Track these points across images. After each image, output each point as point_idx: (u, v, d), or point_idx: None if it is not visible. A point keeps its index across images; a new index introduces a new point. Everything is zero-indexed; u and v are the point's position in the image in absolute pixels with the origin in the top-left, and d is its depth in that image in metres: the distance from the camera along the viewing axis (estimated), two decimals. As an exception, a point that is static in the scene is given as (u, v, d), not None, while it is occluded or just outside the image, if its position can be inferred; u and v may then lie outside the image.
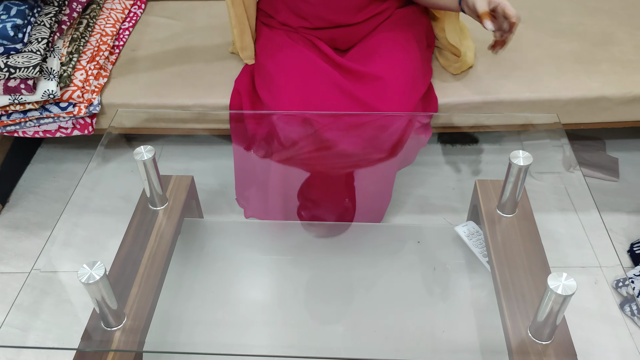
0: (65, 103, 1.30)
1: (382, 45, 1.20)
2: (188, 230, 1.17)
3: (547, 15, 1.55)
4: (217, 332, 0.93)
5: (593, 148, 1.60)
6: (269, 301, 0.93)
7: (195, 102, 1.35)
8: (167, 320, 0.95)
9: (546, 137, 1.17)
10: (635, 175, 1.52)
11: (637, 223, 1.40)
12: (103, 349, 0.85)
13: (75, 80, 1.30)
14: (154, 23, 1.60)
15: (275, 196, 1.18)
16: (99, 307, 0.83)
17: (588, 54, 1.41)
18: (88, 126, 1.35)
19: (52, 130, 1.35)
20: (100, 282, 0.78)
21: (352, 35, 1.24)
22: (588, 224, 0.94)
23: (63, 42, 1.33)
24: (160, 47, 1.50)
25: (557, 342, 0.82)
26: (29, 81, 1.21)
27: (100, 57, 1.39)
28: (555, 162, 1.13)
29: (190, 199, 1.17)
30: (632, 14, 1.53)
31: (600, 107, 1.33)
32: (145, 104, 1.35)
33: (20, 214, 1.49)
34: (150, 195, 1.07)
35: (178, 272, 1.05)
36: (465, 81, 1.34)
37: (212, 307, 0.99)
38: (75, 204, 1.06)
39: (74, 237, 1.09)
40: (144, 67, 1.43)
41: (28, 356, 1.19)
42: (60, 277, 1.06)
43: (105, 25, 1.47)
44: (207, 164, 1.58)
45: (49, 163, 1.64)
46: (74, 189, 1.06)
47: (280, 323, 0.95)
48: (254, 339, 0.91)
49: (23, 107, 1.27)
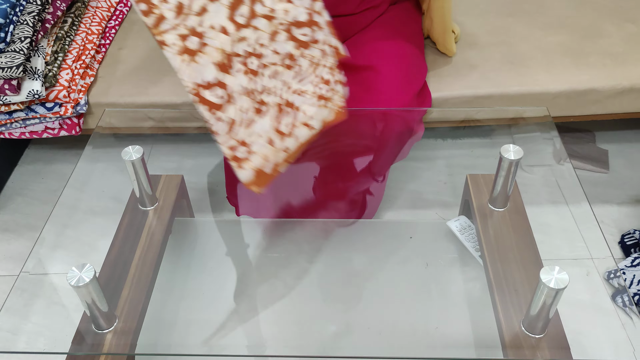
0: (52, 103, 1.28)
1: (377, 39, 1.20)
2: (179, 230, 1.16)
3: (536, 8, 1.55)
4: (210, 333, 0.92)
5: (583, 140, 1.61)
6: (262, 300, 0.93)
7: (184, 100, 1.34)
8: (159, 321, 0.95)
9: (536, 130, 1.18)
10: (625, 167, 1.53)
11: (627, 214, 1.40)
12: (94, 353, 0.84)
13: (61, 80, 1.29)
14: (140, 21, 1.58)
15: (265, 194, 1.17)
16: (90, 310, 0.82)
17: (577, 47, 1.41)
18: (75, 126, 1.33)
19: (38, 131, 1.33)
20: (90, 285, 0.77)
21: (346, 28, 1.23)
22: (579, 216, 0.94)
23: (47, 41, 1.31)
24: (148, 45, 1.49)
25: (550, 335, 0.82)
26: (12, 81, 1.20)
27: (86, 56, 1.37)
28: (546, 155, 1.13)
29: (181, 198, 1.16)
30: (620, 6, 1.54)
31: (590, 99, 1.33)
32: (133, 103, 1.34)
33: (8, 216, 1.48)
34: (139, 196, 1.06)
35: (169, 272, 1.04)
36: (455, 76, 1.34)
37: (205, 308, 0.98)
38: (64, 205, 1.05)
39: (63, 238, 1.08)
40: (131, 66, 1.42)
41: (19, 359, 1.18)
42: (50, 279, 1.05)
43: (90, 24, 1.45)
44: (197, 163, 1.57)
45: (37, 164, 1.62)
46: (62, 190, 1.04)
47: (274, 322, 0.94)
48: (247, 338, 0.90)
49: (8, 107, 1.25)
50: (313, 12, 0.87)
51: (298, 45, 0.86)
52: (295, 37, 0.86)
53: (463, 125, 1.56)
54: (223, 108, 0.81)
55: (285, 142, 0.80)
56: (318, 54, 0.86)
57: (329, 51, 0.86)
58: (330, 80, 0.85)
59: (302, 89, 0.84)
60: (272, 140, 0.81)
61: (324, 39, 0.86)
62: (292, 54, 0.85)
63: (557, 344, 0.81)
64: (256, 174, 0.81)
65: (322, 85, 0.84)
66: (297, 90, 0.83)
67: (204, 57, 0.81)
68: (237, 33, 0.83)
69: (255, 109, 0.82)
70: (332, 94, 0.84)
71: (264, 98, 0.83)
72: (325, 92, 0.84)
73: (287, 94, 0.83)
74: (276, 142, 0.80)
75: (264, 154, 0.79)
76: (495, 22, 1.51)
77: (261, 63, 0.84)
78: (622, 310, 1.17)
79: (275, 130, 0.81)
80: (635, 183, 1.49)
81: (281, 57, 0.85)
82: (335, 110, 0.82)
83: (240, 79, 0.83)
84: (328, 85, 0.84)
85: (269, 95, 0.83)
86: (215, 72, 0.81)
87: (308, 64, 0.85)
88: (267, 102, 0.83)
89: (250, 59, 0.84)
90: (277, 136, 0.81)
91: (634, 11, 1.52)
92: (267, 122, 0.81)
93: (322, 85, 0.84)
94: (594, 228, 0.92)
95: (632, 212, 1.41)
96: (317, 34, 0.86)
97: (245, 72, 0.83)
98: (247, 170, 0.82)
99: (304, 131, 0.80)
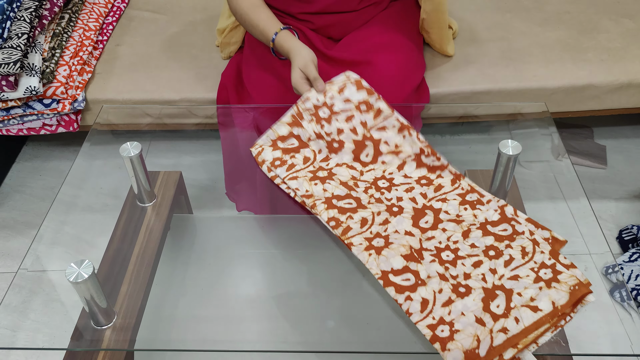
0: (49, 100, 1.28)
1: (376, 34, 1.19)
2: (177, 226, 1.16)
3: (534, 4, 1.55)
4: (208, 329, 0.92)
5: (581, 136, 1.61)
6: (261, 296, 0.93)
7: (181, 96, 1.33)
8: (158, 317, 0.94)
9: (535, 126, 1.18)
10: (623, 163, 1.54)
11: (625, 210, 1.41)
12: (93, 349, 0.84)
13: (58, 76, 1.28)
14: (138, 17, 1.58)
15: (262, 189, 1.17)
16: (89, 306, 0.82)
17: (575, 42, 1.41)
18: (73, 123, 1.33)
19: (36, 127, 1.33)
20: (88, 281, 0.77)
21: (347, 24, 1.23)
22: (577, 212, 0.94)
23: (45, 37, 1.31)
24: (145, 41, 1.48)
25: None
26: (10, 77, 1.19)
27: (83, 52, 1.37)
28: (544, 150, 1.13)
29: (179, 194, 1.16)
30: (618, 2, 1.54)
31: (588, 95, 1.34)
32: (131, 99, 1.34)
33: (6, 213, 1.47)
34: (138, 192, 1.06)
35: (168, 268, 1.04)
36: (453, 72, 1.34)
37: (204, 304, 0.98)
38: (62, 202, 1.05)
39: (61, 235, 1.08)
40: (129, 62, 1.42)
41: (18, 356, 1.18)
42: (49, 276, 1.05)
43: (88, 20, 1.44)
44: (195, 159, 1.57)
45: (35, 161, 1.62)
46: (60, 186, 1.04)
47: (272, 318, 0.94)
48: (246, 334, 0.90)
49: (5, 104, 1.25)
50: (504, 213, 0.86)
51: (500, 238, 0.83)
52: (492, 233, 0.84)
53: (461, 120, 1.56)
54: (413, 289, 0.78)
55: (502, 323, 0.72)
56: (529, 244, 0.81)
57: (541, 240, 0.82)
58: (555, 265, 0.78)
59: (516, 275, 0.78)
60: (481, 320, 0.73)
61: (529, 231, 0.83)
62: (495, 246, 0.82)
63: (556, 338, 0.82)
64: (466, 356, 0.71)
65: (545, 271, 0.78)
66: (509, 277, 0.78)
67: (392, 251, 0.82)
68: (424, 235, 0.84)
69: (453, 291, 0.77)
70: (559, 276, 0.77)
71: (464, 282, 0.78)
72: (549, 276, 0.77)
73: (495, 279, 0.78)
74: (487, 322, 0.72)
75: (473, 333, 0.71)
76: (493, 18, 1.51)
77: (458, 255, 0.81)
78: (619, 305, 1.17)
79: (484, 310, 0.74)
80: (633, 179, 1.49)
81: (481, 249, 0.82)
82: (568, 291, 0.75)
83: (434, 267, 0.80)
84: (552, 268, 0.78)
85: (471, 279, 0.78)
86: (404, 262, 0.81)
87: (519, 254, 0.80)
88: (469, 285, 0.77)
89: (445, 253, 0.82)
90: (488, 316, 0.73)
91: (631, 7, 1.52)
92: (470, 301, 0.75)
93: (544, 270, 0.78)
94: (592, 223, 0.92)
95: (629, 207, 1.41)
96: (519, 227, 0.84)
97: (440, 263, 0.81)
98: (453, 351, 0.72)
99: (528, 314, 0.72)
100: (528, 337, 0.71)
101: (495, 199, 0.88)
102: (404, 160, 0.94)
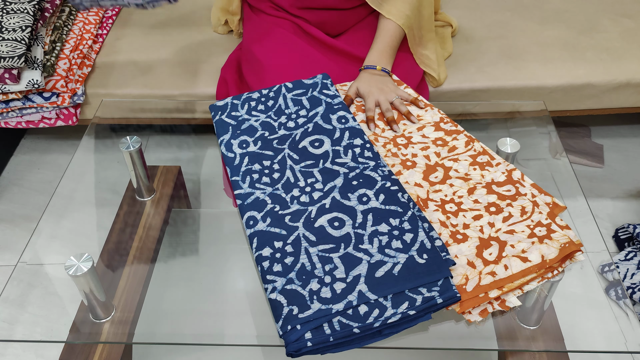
0: (49, 93, 1.28)
1: (373, 31, 1.20)
2: (176, 220, 1.16)
3: (533, 2, 1.56)
4: (207, 323, 0.93)
5: (578, 135, 1.61)
6: (260, 291, 0.93)
7: (181, 91, 1.33)
8: (156, 311, 0.95)
9: (533, 124, 1.18)
10: (620, 162, 1.54)
11: (621, 209, 1.42)
12: (92, 342, 0.85)
13: (58, 70, 1.28)
14: (137, 11, 1.58)
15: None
16: (87, 300, 0.82)
17: (574, 41, 1.41)
18: (72, 116, 1.33)
19: (35, 120, 1.33)
20: (88, 274, 0.77)
21: (341, 20, 1.23)
22: (574, 210, 0.95)
23: (46, 30, 1.31)
24: (145, 35, 1.48)
25: (544, 327, 0.83)
26: (13, 71, 1.19)
27: (83, 45, 1.37)
28: (542, 149, 1.14)
29: (178, 189, 1.16)
30: (617, 1, 1.54)
31: (586, 94, 1.34)
32: (131, 93, 1.34)
33: (4, 206, 1.47)
34: (137, 186, 1.06)
35: (167, 263, 1.04)
36: (452, 69, 1.35)
37: (202, 298, 0.98)
38: (61, 196, 1.05)
39: (60, 229, 1.08)
40: (129, 56, 1.41)
41: (16, 349, 1.18)
42: (47, 269, 1.05)
43: (88, 13, 1.44)
44: (194, 154, 1.57)
45: (33, 154, 1.61)
46: (59, 180, 1.04)
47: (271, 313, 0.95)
48: (244, 329, 0.91)
49: (6, 96, 1.25)
50: (511, 176, 0.89)
51: (502, 197, 0.86)
52: (496, 192, 0.87)
53: (460, 118, 1.56)
54: None
55: (491, 268, 0.76)
56: (529, 204, 0.84)
57: (541, 203, 0.84)
58: (550, 225, 0.81)
59: (512, 229, 0.81)
60: (472, 263, 0.77)
61: (531, 193, 0.86)
62: (496, 204, 0.85)
63: (552, 335, 0.82)
64: None
65: (539, 229, 0.81)
66: (505, 230, 0.81)
67: None
68: (432, 187, 0.88)
69: (450, 237, 0.81)
70: (552, 235, 0.79)
71: (462, 231, 0.82)
72: (543, 233, 0.80)
73: (492, 231, 0.81)
74: (478, 265, 0.77)
75: (463, 273, 0.77)
76: (492, 16, 1.51)
77: (460, 208, 0.85)
78: (615, 303, 1.18)
79: (476, 256, 0.78)
80: (629, 178, 1.50)
81: (483, 205, 0.85)
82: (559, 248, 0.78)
83: (437, 215, 0.84)
84: (547, 227, 0.81)
85: (469, 229, 0.82)
86: None
87: (518, 212, 0.83)
88: (466, 234, 0.81)
89: (449, 205, 0.85)
90: (480, 261, 0.78)
91: (631, 6, 1.52)
92: (465, 247, 0.79)
93: (539, 228, 0.81)
94: (589, 222, 0.92)
95: (626, 206, 1.42)
96: (522, 189, 0.86)
97: (443, 212, 0.84)
98: None
99: (517, 263, 0.76)
100: (514, 283, 0.76)
101: (505, 162, 0.92)
102: (424, 125, 1.00)
